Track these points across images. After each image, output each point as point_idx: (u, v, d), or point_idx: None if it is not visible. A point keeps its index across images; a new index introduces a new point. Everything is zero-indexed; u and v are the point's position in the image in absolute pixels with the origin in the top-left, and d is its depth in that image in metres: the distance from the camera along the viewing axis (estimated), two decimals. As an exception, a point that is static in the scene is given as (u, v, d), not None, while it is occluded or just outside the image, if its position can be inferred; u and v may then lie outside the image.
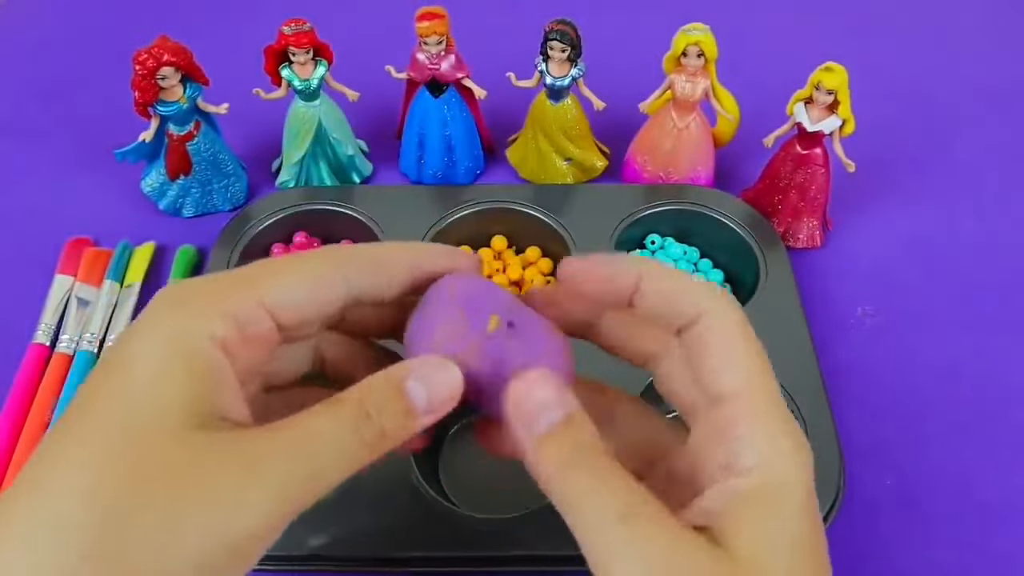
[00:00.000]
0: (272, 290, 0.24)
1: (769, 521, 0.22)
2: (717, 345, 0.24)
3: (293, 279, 0.24)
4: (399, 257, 0.26)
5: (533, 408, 0.23)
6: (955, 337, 0.51)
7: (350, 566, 0.39)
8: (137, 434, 0.20)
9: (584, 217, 0.53)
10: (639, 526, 0.21)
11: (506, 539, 0.39)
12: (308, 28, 0.52)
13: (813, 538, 0.23)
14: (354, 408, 0.23)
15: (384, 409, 0.23)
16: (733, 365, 0.24)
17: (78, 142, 0.62)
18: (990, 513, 0.43)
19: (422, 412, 0.23)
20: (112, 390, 0.21)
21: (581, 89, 0.55)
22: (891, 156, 0.61)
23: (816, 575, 0.22)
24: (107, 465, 0.20)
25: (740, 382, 0.23)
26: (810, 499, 0.23)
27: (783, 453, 0.23)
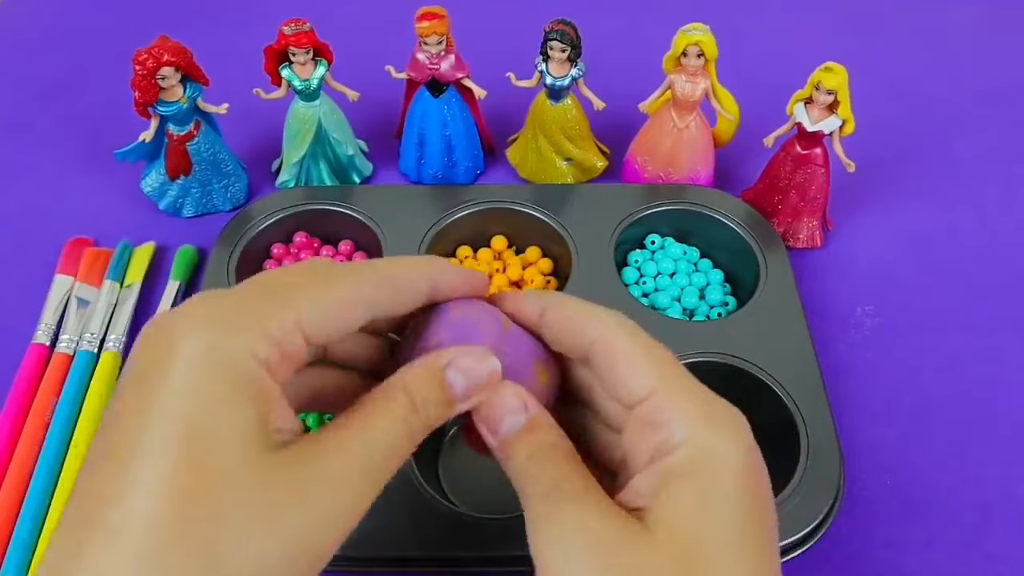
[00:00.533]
0: (308, 310, 0.23)
1: (698, 494, 0.22)
2: (621, 356, 0.25)
3: (327, 299, 0.24)
4: (420, 277, 0.27)
5: (497, 414, 0.25)
6: (955, 337, 0.51)
7: (350, 566, 0.39)
8: (207, 465, 0.20)
9: (584, 217, 0.53)
10: (560, 502, 0.22)
11: (506, 539, 0.39)
12: (308, 28, 0.52)
13: (754, 510, 0.22)
14: (404, 403, 0.24)
15: (429, 399, 0.24)
16: (640, 368, 0.25)
17: (78, 142, 0.62)
18: (990, 513, 0.43)
19: (460, 400, 0.25)
20: (169, 418, 0.20)
21: (581, 89, 0.55)
22: (891, 156, 0.61)
23: (757, 549, 0.22)
24: (185, 499, 0.20)
25: (652, 379, 0.24)
26: (748, 470, 0.23)
27: (710, 427, 0.23)
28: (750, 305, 0.49)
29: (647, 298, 0.51)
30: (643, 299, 0.51)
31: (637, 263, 0.53)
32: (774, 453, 0.44)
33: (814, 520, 0.39)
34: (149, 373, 0.21)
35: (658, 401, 0.24)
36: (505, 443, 0.25)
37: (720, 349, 0.46)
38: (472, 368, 0.25)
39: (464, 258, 0.53)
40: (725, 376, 0.45)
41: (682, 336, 0.47)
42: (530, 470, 0.24)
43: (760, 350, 0.46)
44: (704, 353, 0.46)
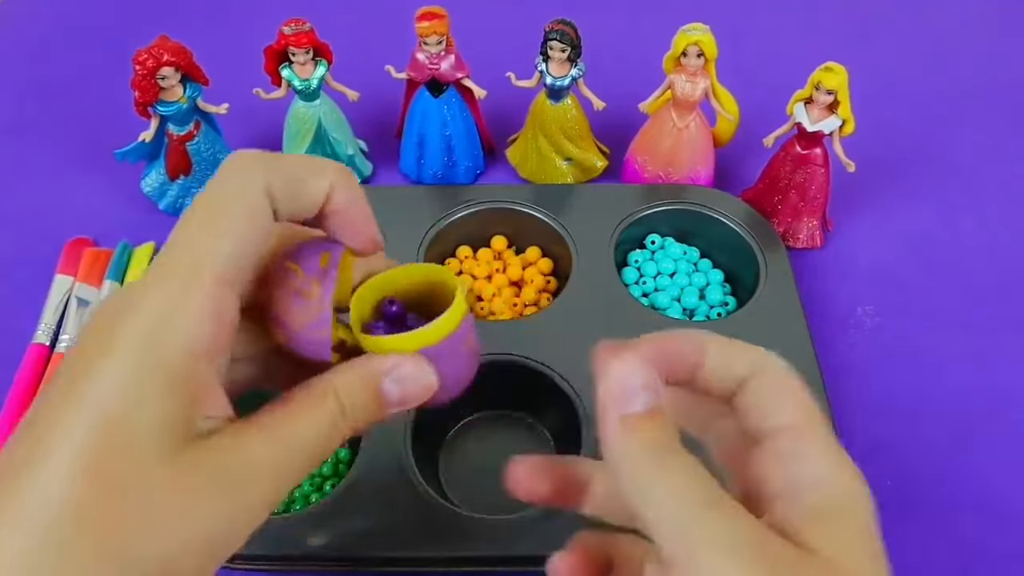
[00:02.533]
0: (219, 267, 0.23)
1: (846, 530, 0.23)
2: (773, 389, 0.25)
3: (225, 243, 0.23)
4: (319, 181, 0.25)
5: (630, 389, 0.23)
6: (955, 337, 0.51)
7: (350, 566, 0.39)
8: (119, 456, 0.20)
9: (584, 217, 0.53)
10: (727, 513, 0.21)
11: (506, 539, 0.39)
12: (308, 28, 0.52)
13: (884, 556, 0.23)
14: (333, 408, 0.24)
15: (359, 406, 0.24)
16: (789, 401, 0.24)
17: (78, 142, 0.62)
18: (990, 513, 0.43)
19: (393, 407, 0.25)
20: (91, 406, 0.21)
21: (581, 89, 0.55)
22: (891, 156, 0.61)
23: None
24: (95, 488, 0.20)
25: (800, 414, 0.24)
26: (876, 522, 0.23)
27: (847, 472, 0.24)
28: (750, 305, 0.49)
29: (647, 298, 0.51)
30: (643, 299, 0.51)
31: (637, 263, 0.53)
32: (774, 453, 0.44)
33: (814, 520, 0.39)
34: (87, 353, 0.22)
35: (797, 436, 0.24)
36: (627, 423, 0.23)
37: (720, 349, 0.46)
38: (412, 378, 0.24)
39: (464, 258, 0.53)
40: (725, 376, 0.45)
41: (682, 336, 0.47)
42: (676, 472, 0.22)
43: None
44: (704, 353, 0.46)
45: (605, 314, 0.48)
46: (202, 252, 0.22)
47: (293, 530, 0.39)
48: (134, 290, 0.22)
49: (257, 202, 0.23)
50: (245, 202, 0.23)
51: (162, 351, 0.21)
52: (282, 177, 0.24)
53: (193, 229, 0.23)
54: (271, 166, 0.24)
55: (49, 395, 0.21)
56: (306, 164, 0.24)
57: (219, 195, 0.23)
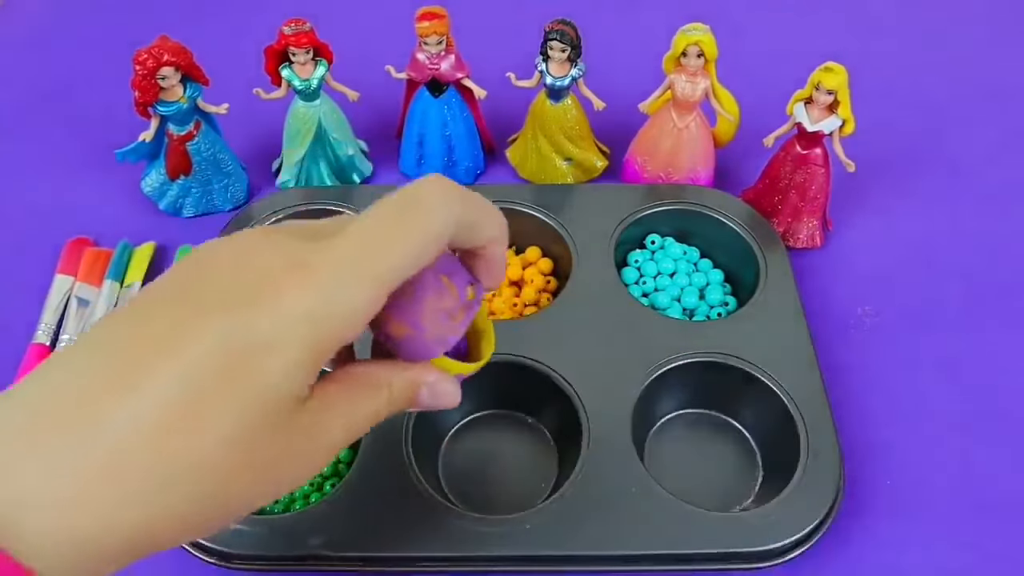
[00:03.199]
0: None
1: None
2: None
3: (408, 263, 0.26)
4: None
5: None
6: (955, 337, 0.51)
7: (350, 566, 0.39)
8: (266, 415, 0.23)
9: (584, 217, 0.53)
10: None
11: (506, 539, 0.39)
12: (308, 28, 0.52)
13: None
14: (384, 398, 0.28)
15: (398, 401, 0.29)
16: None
17: (78, 142, 0.62)
18: (990, 513, 0.43)
19: (418, 409, 0.30)
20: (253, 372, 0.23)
21: (581, 89, 0.55)
22: (891, 156, 0.61)
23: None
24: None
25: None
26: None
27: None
28: (750, 305, 0.49)
29: (647, 298, 0.51)
30: (643, 299, 0.51)
31: (637, 263, 0.53)
32: (774, 453, 0.44)
33: (814, 520, 0.39)
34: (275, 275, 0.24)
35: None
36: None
37: (720, 349, 0.46)
38: (444, 393, 0.30)
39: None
40: (725, 376, 0.45)
41: (682, 336, 0.47)
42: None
43: (760, 350, 0.46)
44: (704, 353, 0.46)
45: (605, 314, 0.48)
46: (386, 266, 0.25)
47: (293, 530, 0.39)
48: (316, 251, 0.25)
49: (446, 234, 0.27)
50: (438, 233, 0.26)
51: (320, 331, 0.24)
52: (468, 218, 0.27)
53: (388, 231, 0.26)
54: (465, 205, 0.27)
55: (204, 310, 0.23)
56: (484, 210, 0.29)
57: (419, 217, 0.26)
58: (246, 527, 0.39)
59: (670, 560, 0.39)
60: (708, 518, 0.40)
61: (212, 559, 0.39)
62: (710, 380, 0.46)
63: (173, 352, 0.22)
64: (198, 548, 0.39)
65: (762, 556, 0.39)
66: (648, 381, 0.45)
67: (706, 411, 0.47)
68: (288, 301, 0.23)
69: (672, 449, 0.46)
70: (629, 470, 0.41)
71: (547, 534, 0.39)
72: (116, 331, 0.23)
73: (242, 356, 0.22)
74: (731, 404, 0.46)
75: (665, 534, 0.39)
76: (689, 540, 0.39)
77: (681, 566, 0.40)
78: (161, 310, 0.23)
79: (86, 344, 0.23)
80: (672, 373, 0.45)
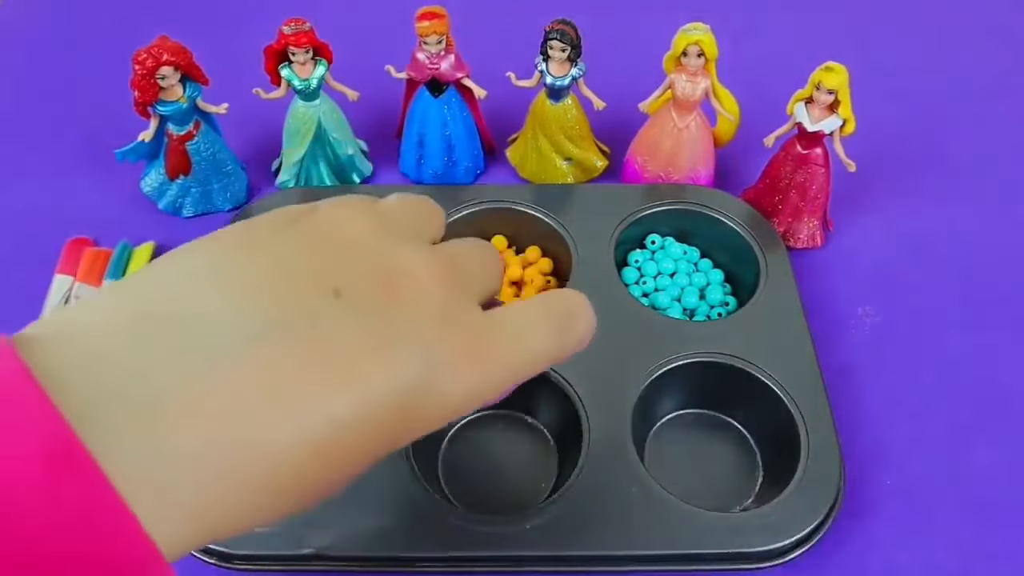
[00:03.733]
0: None
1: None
2: None
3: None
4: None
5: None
6: (955, 337, 0.51)
7: (350, 566, 0.39)
8: None
9: (584, 217, 0.53)
10: None
11: (506, 539, 0.39)
12: (308, 28, 0.52)
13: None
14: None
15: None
16: None
17: (78, 142, 0.62)
18: (990, 513, 0.43)
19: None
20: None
21: (581, 89, 0.55)
22: (891, 156, 0.61)
23: None
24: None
25: None
26: None
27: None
28: (750, 305, 0.49)
29: (647, 298, 0.51)
30: (643, 299, 0.51)
31: (637, 263, 0.53)
32: (774, 453, 0.44)
33: (814, 520, 0.39)
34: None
35: None
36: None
37: (720, 349, 0.46)
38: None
39: (464, 258, 0.53)
40: (725, 376, 0.45)
41: (682, 336, 0.47)
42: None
43: (760, 350, 0.46)
44: (704, 353, 0.46)
45: (605, 314, 0.47)
46: (522, 376, 0.26)
47: (293, 530, 0.39)
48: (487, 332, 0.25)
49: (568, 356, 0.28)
50: (566, 356, 0.28)
51: (458, 410, 0.25)
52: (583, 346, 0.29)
53: (544, 355, 0.27)
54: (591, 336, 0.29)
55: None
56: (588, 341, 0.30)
57: (573, 345, 0.28)
58: (246, 527, 0.39)
59: (670, 560, 0.39)
60: (708, 518, 0.40)
61: (212, 559, 0.39)
62: (710, 380, 0.46)
63: (371, 374, 0.21)
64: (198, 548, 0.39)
65: (762, 556, 0.39)
66: (648, 381, 0.45)
67: (706, 411, 0.47)
68: (464, 375, 0.24)
69: (672, 449, 0.46)
70: (629, 470, 0.41)
71: (547, 534, 0.39)
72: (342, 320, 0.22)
73: (410, 404, 0.22)
74: (731, 404, 0.46)
75: (665, 534, 0.39)
76: (689, 540, 0.39)
77: (681, 566, 0.40)
78: (368, 312, 0.22)
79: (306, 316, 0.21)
80: (672, 373, 0.45)
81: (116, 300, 0.21)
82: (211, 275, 0.22)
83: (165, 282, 0.22)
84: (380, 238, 0.24)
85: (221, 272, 0.22)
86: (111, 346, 0.19)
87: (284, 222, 0.24)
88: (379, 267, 0.23)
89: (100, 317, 0.20)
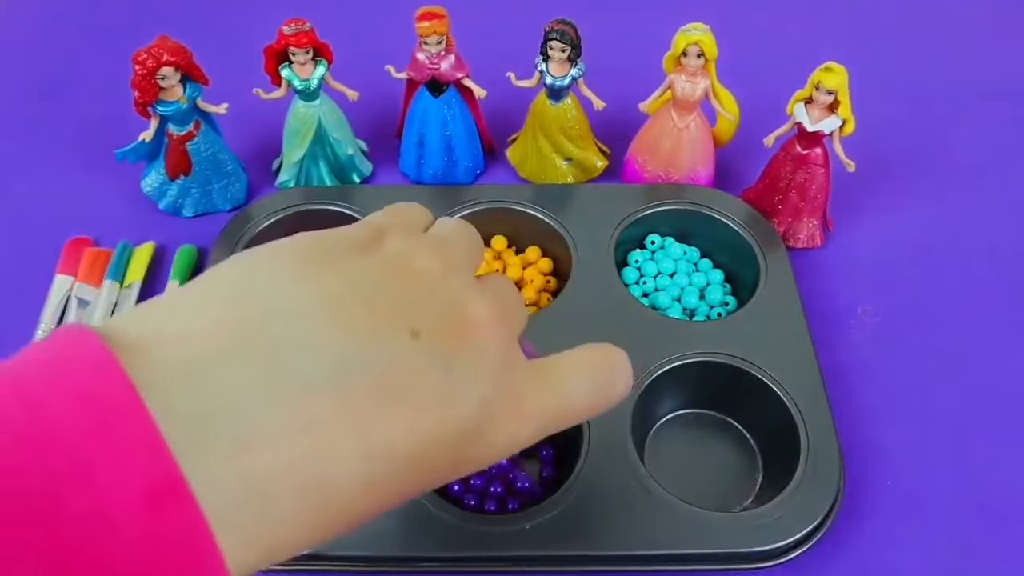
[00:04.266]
0: None
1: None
2: None
3: None
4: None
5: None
6: (955, 337, 0.51)
7: (350, 566, 0.39)
8: None
9: (584, 217, 0.53)
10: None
11: (506, 539, 0.39)
12: (308, 28, 0.52)
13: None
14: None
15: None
16: None
17: (78, 142, 0.62)
18: (991, 513, 0.43)
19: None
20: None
21: (581, 89, 0.55)
22: (891, 156, 0.61)
23: None
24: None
25: None
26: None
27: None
28: (750, 305, 0.49)
29: (647, 298, 0.51)
30: (643, 299, 0.51)
31: (637, 263, 0.53)
32: (774, 453, 0.44)
33: (814, 520, 0.39)
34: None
35: None
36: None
37: (720, 349, 0.46)
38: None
39: (464, 258, 0.53)
40: (725, 376, 0.45)
41: (682, 336, 0.47)
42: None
43: (760, 350, 0.46)
44: (704, 353, 0.46)
45: (605, 314, 0.48)
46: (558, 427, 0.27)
47: (293, 530, 0.39)
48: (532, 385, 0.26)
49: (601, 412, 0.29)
50: (600, 412, 0.29)
51: (493, 456, 0.26)
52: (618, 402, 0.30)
53: (581, 413, 0.28)
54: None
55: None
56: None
57: (606, 405, 0.29)
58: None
59: (670, 560, 0.39)
60: (708, 518, 0.40)
61: (212, 559, 0.39)
62: (710, 380, 0.46)
63: (434, 417, 0.22)
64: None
65: (762, 556, 0.39)
66: (648, 381, 0.45)
67: (706, 411, 0.47)
68: (505, 426, 0.24)
69: (672, 449, 0.46)
70: (629, 470, 0.41)
71: (547, 534, 0.39)
72: (418, 362, 0.22)
73: (459, 448, 0.23)
74: (731, 404, 0.46)
75: (665, 534, 0.39)
76: (689, 540, 0.39)
77: (681, 566, 0.40)
78: (440, 356, 0.23)
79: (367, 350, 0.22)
80: (672, 373, 0.45)
81: (207, 307, 0.21)
82: (300, 296, 0.22)
83: (256, 295, 0.21)
84: (447, 277, 0.25)
85: (310, 295, 0.22)
86: (210, 365, 0.19)
87: (358, 248, 0.24)
88: (450, 310, 0.24)
89: (196, 326, 0.20)
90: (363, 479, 0.21)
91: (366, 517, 0.22)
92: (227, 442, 0.18)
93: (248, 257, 0.23)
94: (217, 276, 0.22)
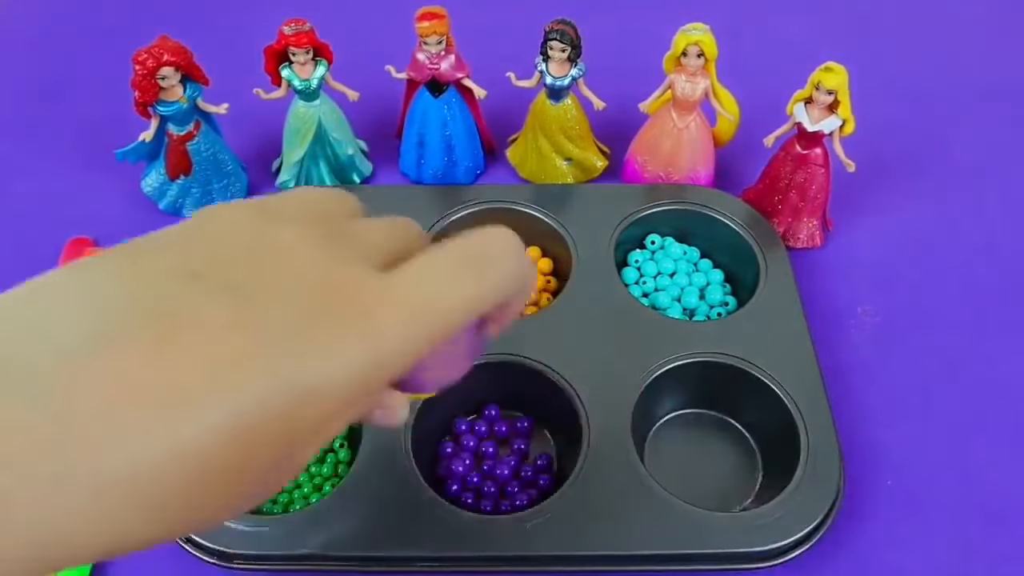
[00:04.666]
0: None
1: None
2: None
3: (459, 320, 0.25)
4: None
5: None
6: (955, 337, 0.51)
7: (350, 566, 0.39)
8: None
9: (584, 217, 0.53)
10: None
11: (506, 539, 0.39)
12: (308, 28, 0.52)
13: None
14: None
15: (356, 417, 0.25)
16: None
17: (78, 142, 0.62)
18: (990, 513, 0.43)
19: (366, 423, 0.26)
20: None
21: (581, 89, 0.55)
22: (891, 156, 0.61)
23: None
24: None
25: None
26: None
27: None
28: (750, 305, 0.49)
29: (647, 298, 0.51)
30: (643, 299, 0.51)
31: (637, 263, 0.53)
32: (774, 453, 0.44)
33: (814, 520, 0.39)
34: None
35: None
36: None
37: (720, 349, 0.46)
38: (398, 418, 0.26)
39: (464, 258, 0.53)
40: (725, 376, 0.45)
41: (682, 336, 0.47)
42: None
43: (760, 350, 0.46)
44: (704, 353, 0.46)
45: (605, 314, 0.48)
46: (445, 325, 0.22)
47: (293, 530, 0.39)
48: (378, 291, 0.22)
49: (494, 303, 0.24)
50: (504, 297, 0.24)
51: (365, 384, 0.21)
52: (515, 289, 0.25)
53: (457, 289, 0.23)
54: (528, 268, 0.25)
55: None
56: (532, 271, 0.26)
57: (494, 279, 0.24)
58: (246, 527, 0.39)
59: (670, 560, 0.39)
60: (708, 518, 0.40)
61: (212, 559, 0.39)
62: (710, 380, 0.46)
63: (233, 387, 0.18)
64: (198, 548, 0.39)
65: (762, 556, 0.39)
66: (648, 381, 0.45)
67: (706, 411, 0.47)
68: (348, 351, 0.20)
69: (672, 449, 0.46)
70: (629, 470, 0.41)
71: (547, 534, 0.39)
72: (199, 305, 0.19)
73: (290, 405, 0.19)
74: (731, 404, 0.46)
75: (665, 534, 0.39)
76: (689, 540, 0.39)
77: (681, 566, 0.40)
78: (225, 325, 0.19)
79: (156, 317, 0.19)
80: (672, 373, 0.45)
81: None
82: (53, 284, 0.19)
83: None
84: (254, 220, 0.22)
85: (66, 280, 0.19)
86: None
87: (164, 230, 0.21)
88: (246, 246, 0.21)
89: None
90: (180, 459, 0.18)
91: (229, 497, 0.19)
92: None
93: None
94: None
